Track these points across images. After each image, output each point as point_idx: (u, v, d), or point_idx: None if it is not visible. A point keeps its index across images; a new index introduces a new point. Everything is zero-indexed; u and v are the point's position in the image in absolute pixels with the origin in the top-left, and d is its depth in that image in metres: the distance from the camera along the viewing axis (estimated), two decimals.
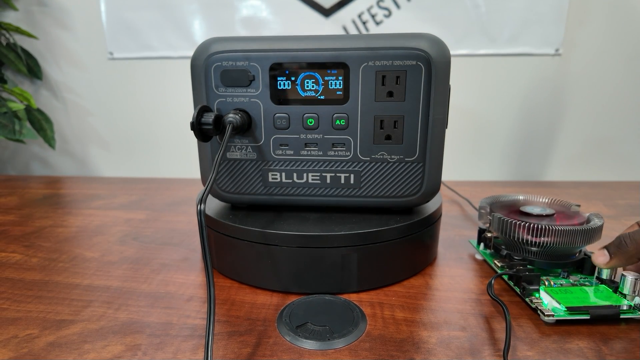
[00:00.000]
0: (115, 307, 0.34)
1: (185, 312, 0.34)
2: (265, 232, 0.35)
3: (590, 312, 0.31)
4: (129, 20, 0.97)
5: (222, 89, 0.36)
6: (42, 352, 0.29)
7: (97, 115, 1.07)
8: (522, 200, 0.43)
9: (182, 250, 0.46)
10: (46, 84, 1.06)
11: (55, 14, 1.00)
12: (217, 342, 0.30)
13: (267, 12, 0.94)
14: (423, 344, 0.29)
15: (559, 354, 0.28)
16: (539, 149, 0.96)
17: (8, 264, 0.43)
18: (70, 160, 1.12)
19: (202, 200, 0.27)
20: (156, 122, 1.05)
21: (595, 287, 0.34)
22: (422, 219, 0.38)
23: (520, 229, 0.36)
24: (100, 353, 0.28)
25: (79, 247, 0.47)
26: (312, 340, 0.29)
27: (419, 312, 0.33)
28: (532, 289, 0.33)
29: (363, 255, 0.35)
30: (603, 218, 0.37)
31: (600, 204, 0.62)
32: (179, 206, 0.62)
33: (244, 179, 0.39)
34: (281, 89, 0.36)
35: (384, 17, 0.92)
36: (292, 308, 0.33)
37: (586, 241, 0.35)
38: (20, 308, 0.34)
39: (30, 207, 0.63)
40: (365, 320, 0.32)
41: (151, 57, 1.00)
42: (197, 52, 0.36)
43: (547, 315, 0.31)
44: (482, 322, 0.32)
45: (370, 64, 0.34)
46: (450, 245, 0.46)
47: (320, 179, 0.38)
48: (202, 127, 0.34)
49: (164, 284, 0.38)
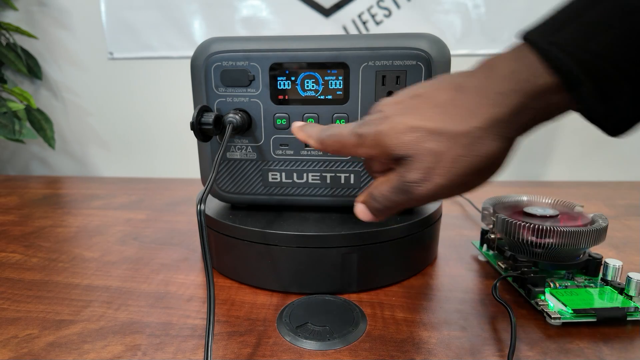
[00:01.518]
0: (115, 307, 0.34)
1: (185, 312, 0.34)
2: (265, 232, 0.35)
3: (597, 314, 0.30)
4: (128, 20, 0.97)
5: (222, 89, 0.36)
6: (42, 352, 0.29)
7: (97, 115, 1.07)
8: (526, 201, 0.43)
9: (182, 250, 0.46)
10: (46, 83, 1.06)
11: (55, 14, 1.00)
12: (217, 342, 0.29)
13: (267, 12, 0.94)
14: (423, 344, 0.29)
15: (559, 354, 0.28)
16: (540, 149, 0.96)
17: (8, 264, 0.43)
18: (70, 160, 1.12)
19: (202, 200, 0.27)
20: (156, 122, 1.05)
21: (600, 288, 0.34)
22: (422, 219, 0.38)
23: (524, 230, 0.35)
24: (100, 353, 0.28)
25: (79, 247, 0.47)
26: (312, 341, 0.29)
27: (419, 312, 0.33)
28: (537, 291, 0.33)
29: (363, 255, 0.35)
30: (607, 219, 0.37)
31: (600, 204, 0.62)
32: (179, 206, 0.62)
33: (244, 179, 0.39)
34: (281, 88, 0.36)
35: (384, 17, 0.92)
36: (292, 308, 0.33)
37: (591, 242, 0.35)
38: (20, 308, 0.34)
39: (30, 207, 0.63)
40: (365, 321, 0.32)
41: (151, 57, 1.00)
42: (197, 52, 0.36)
43: (553, 318, 0.30)
44: (482, 323, 0.32)
45: (371, 63, 0.34)
46: (451, 245, 0.46)
47: (320, 179, 0.38)
48: (202, 127, 0.34)
49: (164, 284, 0.38)
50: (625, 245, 0.46)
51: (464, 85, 0.23)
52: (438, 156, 0.23)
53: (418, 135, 0.24)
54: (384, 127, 0.25)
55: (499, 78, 0.22)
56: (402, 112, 0.25)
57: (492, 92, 0.22)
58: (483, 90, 0.23)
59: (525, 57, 0.22)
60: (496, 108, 0.22)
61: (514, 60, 0.22)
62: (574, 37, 0.20)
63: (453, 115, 0.23)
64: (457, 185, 0.24)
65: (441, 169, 0.23)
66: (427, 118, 0.24)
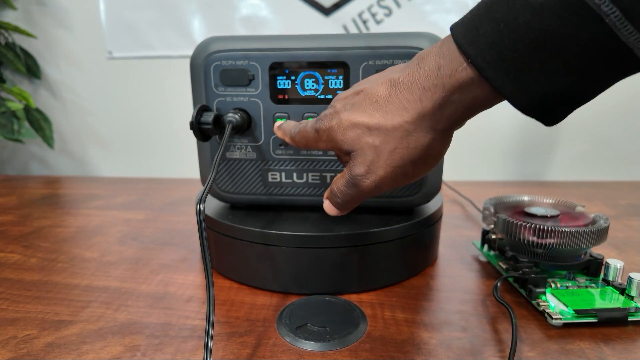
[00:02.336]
0: (115, 308, 0.34)
1: (185, 313, 0.33)
2: (264, 232, 0.35)
3: (598, 315, 0.30)
4: (128, 20, 0.97)
5: (222, 89, 0.36)
6: (41, 353, 0.28)
7: (96, 115, 1.07)
8: (527, 201, 0.42)
9: (181, 251, 0.46)
10: (45, 83, 1.06)
11: (54, 13, 1.00)
12: (217, 343, 0.29)
13: (266, 11, 0.94)
14: (424, 345, 0.29)
15: (560, 354, 0.28)
16: (541, 149, 0.96)
17: (7, 264, 0.43)
18: (69, 160, 1.12)
19: (201, 200, 0.27)
20: (155, 122, 1.05)
21: (601, 289, 0.34)
22: (422, 219, 0.38)
23: (525, 230, 0.35)
24: (99, 354, 0.28)
25: (78, 247, 0.47)
26: (312, 341, 0.29)
27: (419, 312, 0.33)
28: (538, 291, 0.33)
29: (363, 255, 0.35)
30: (609, 219, 0.36)
31: (601, 204, 0.61)
32: (179, 206, 0.62)
33: (243, 178, 0.39)
34: (281, 88, 0.36)
35: (385, 16, 0.92)
36: (291, 309, 0.33)
37: (592, 243, 0.35)
38: (19, 308, 0.34)
39: (29, 207, 0.62)
40: (365, 321, 0.32)
41: (150, 56, 1.00)
42: (196, 52, 0.36)
43: (554, 319, 0.30)
44: (483, 323, 0.32)
45: (371, 63, 0.34)
46: (452, 245, 0.46)
47: (320, 179, 0.38)
48: (202, 127, 0.34)
49: (164, 285, 0.38)
50: (626, 246, 0.46)
51: (398, 81, 0.25)
52: (377, 150, 0.25)
53: (359, 131, 0.26)
54: (334, 123, 0.27)
55: (425, 73, 0.23)
56: (348, 107, 0.27)
57: (419, 88, 0.24)
58: (412, 86, 0.24)
59: (449, 51, 0.23)
60: (422, 103, 0.24)
61: (440, 55, 0.23)
62: (487, 30, 0.21)
63: (388, 111, 0.25)
64: (399, 176, 0.26)
65: (381, 162, 0.25)
66: (367, 114, 0.25)
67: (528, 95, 0.21)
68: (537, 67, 0.20)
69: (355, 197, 0.28)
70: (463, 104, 0.23)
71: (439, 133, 0.25)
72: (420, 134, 0.24)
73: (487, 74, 0.21)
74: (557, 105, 0.22)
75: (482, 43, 0.21)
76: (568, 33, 0.19)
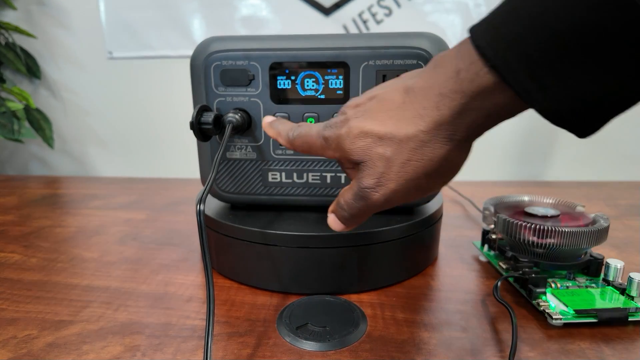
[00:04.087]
0: (115, 308, 0.34)
1: (185, 313, 0.33)
2: (265, 232, 0.35)
3: (598, 315, 0.30)
4: (128, 20, 0.97)
5: (222, 89, 0.36)
6: (41, 353, 0.28)
7: (96, 115, 1.07)
8: (527, 201, 0.42)
9: (181, 251, 0.46)
10: (45, 83, 1.06)
11: (54, 13, 1.00)
12: (217, 343, 0.29)
13: (267, 11, 0.94)
14: (424, 345, 0.29)
15: (560, 354, 0.28)
16: (541, 149, 0.96)
17: (7, 264, 0.43)
18: (69, 160, 1.12)
19: (201, 200, 0.27)
20: (155, 122, 1.05)
21: (602, 289, 0.34)
22: (422, 219, 0.38)
23: (525, 230, 0.35)
24: (99, 354, 0.28)
25: (78, 247, 0.47)
26: (312, 341, 0.29)
27: (419, 312, 0.33)
28: (538, 291, 0.33)
29: (363, 255, 0.35)
30: (609, 219, 0.36)
31: (602, 204, 0.61)
32: (179, 206, 0.62)
33: (243, 178, 0.39)
34: (281, 88, 0.36)
35: (385, 16, 0.92)
36: (292, 309, 0.33)
37: (592, 243, 0.34)
38: (19, 308, 0.34)
39: (29, 207, 0.62)
40: (365, 321, 0.32)
41: (150, 56, 1.00)
42: (196, 52, 0.36)
43: (555, 319, 0.30)
44: (483, 323, 0.32)
45: (371, 63, 0.34)
46: (452, 245, 0.46)
47: (320, 179, 0.38)
48: (202, 127, 0.34)
49: (164, 285, 0.38)
50: (626, 246, 0.46)
51: (413, 87, 0.23)
52: (388, 161, 0.23)
53: (369, 140, 0.24)
54: (343, 131, 0.25)
55: (443, 78, 0.21)
56: (359, 115, 0.25)
57: (436, 94, 0.22)
58: (428, 92, 0.22)
59: (468, 55, 0.20)
60: (439, 110, 0.22)
61: (458, 58, 0.21)
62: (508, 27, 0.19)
63: (401, 119, 0.23)
64: (411, 189, 0.24)
65: (392, 174, 0.23)
66: (378, 122, 0.23)
67: (558, 101, 0.19)
68: (569, 68, 0.18)
69: (363, 211, 0.26)
70: (484, 112, 0.21)
71: (456, 143, 0.22)
72: (437, 144, 0.22)
73: (509, 78, 0.19)
74: (593, 112, 0.19)
75: (503, 42, 0.19)
76: (611, 26, 0.16)
